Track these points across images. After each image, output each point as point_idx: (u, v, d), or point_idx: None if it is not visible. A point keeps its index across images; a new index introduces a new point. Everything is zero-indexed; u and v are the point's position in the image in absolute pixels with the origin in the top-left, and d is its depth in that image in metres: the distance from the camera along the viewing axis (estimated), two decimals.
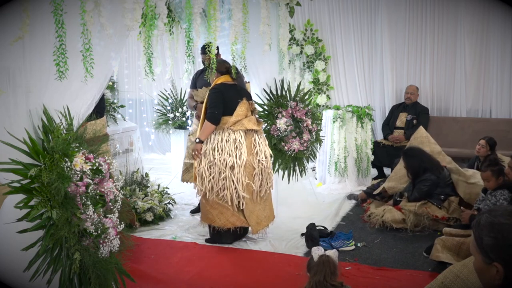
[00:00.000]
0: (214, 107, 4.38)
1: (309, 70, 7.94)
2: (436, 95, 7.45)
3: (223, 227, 4.42)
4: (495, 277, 1.54)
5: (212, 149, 4.36)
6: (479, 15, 7.07)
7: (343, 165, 6.49)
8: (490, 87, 7.15)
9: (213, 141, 4.39)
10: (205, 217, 4.50)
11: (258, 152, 4.49)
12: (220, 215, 4.39)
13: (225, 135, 4.39)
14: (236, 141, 4.38)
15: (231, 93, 4.46)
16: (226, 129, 4.40)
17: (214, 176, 4.33)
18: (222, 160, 4.31)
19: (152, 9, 3.02)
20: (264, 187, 4.54)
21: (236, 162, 4.32)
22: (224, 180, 4.32)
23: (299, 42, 7.97)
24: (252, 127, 4.48)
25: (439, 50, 7.35)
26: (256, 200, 4.52)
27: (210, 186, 4.34)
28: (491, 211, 1.61)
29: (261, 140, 4.59)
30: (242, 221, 4.45)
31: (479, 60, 7.17)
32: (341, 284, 2.72)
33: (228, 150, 4.33)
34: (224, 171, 4.31)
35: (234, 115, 4.43)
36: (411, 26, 7.43)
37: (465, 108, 7.31)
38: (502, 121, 7.02)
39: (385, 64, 7.55)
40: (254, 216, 4.50)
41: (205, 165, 4.36)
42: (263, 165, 4.50)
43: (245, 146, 4.40)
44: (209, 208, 4.41)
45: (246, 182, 4.38)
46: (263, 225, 4.58)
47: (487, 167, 4.34)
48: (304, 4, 7.64)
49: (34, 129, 2.55)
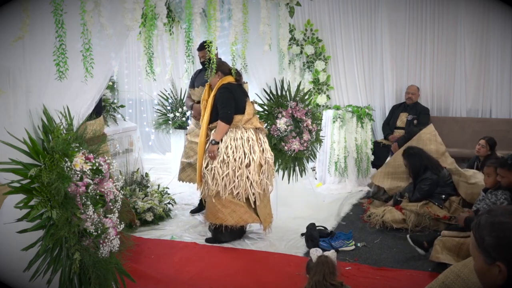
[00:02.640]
0: (227, 107, 4.41)
1: (309, 70, 7.94)
2: (436, 95, 7.45)
3: (236, 225, 4.43)
4: (497, 277, 1.54)
5: (225, 148, 4.37)
6: (479, 15, 7.07)
7: (343, 165, 6.49)
8: (490, 87, 7.15)
9: (226, 140, 4.40)
10: (214, 217, 4.45)
11: (265, 150, 4.54)
12: (233, 213, 4.40)
13: (238, 133, 4.42)
14: (250, 139, 4.43)
15: (238, 92, 4.51)
16: (239, 127, 4.43)
17: (228, 173, 4.34)
18: (237, 158, 4.33)
19: (152, 9, 3.02)
20: (268, 184, 4.59)
21: (252, 158, 4.37)
22: (239, 177, 4.34)
23: (299, 42, 7.97)
24: (260, 125, 4.58)
25: (439, 50, 7.34)
26: (261, 198, 4.55)
27: (223, 184, 4.35)
28: (491, 211, 1.61)
29: (265, 138, 4.65)
30: (254, 218, 4.49)
31: (479, 60, 7.17)
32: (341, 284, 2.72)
33: (243, 148, 4.37)
34: (240, 168, 4.33)
35: (246, 114, 4.48)
36: (411, 26, 7.43)
37: (465, 108, 7.31)
38: (502, 121, 7.02)
39: (385, 64, 7.55)
40: (262, 212, 4.55)
41: (217, 164, 4.35)
42: (269, 163, 4.54)
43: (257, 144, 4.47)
44: (220, 207, 4.40)
45: (259, 179, 4.43)
46: (268, 221, 4.64)
47: (493, 163, 4.35)
48: (304, 4, 7.63)
49: (34, 129, 2.55)
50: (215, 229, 4.52)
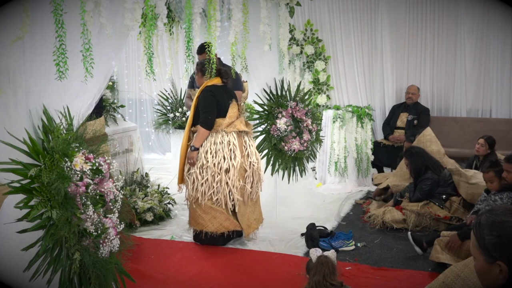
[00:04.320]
0: (208, 112, 4.29)
1: (309, 70, 7.94)
2: (436, 95, 7.45)
3: (216, 232, 4.32)
4: (498, 276, 1.54)
5: (205, 152, 4.26)
6: (479, 15, 7.06)
7: (343, 165, 6.49)
8: (490, 87, 7.15)
9: (205, 144, 4.30)
10: (195, 223, 4.38)
11: (250, 154, 4.43)
12: (213, 220, 4.30)
13: (218, 138, 4.30)
14: (230, 143, 4.30)
15: (222, 95, 4.38)
16: (220, 131, 4.31)
17: (207, 179, 4.25)
18: (216, 163, 4.22)
19: (152, 9, 3.02)
20: (254, 190, 4.50)
21: (232, 164, 4.26)
22: (219, 183, 4.24)
23: (299, 42, 7.97)
24: (244, 128, 4.43)
25: (439, 50, 7.34)
26: (247, 203, 4.47)
27: (202, 190, 4.25)
28: (491, 211, 1.61)
29: (251, 141, 4.53)
30: (236, 225, 4.38)
31: (479, 60, 7.17)
32: (340, 284, 2.72)
33: (222, 153, 4.25)
34: (219, 174, 4.23)
35: (228, 117, 4.35)
36: (411, 26, 7.42)
37: (465, 108, 7.30)
38: (502, 121, 7.02)
39: (385, 64, 7.55)
40: (245, 219, 4.45)
41: (197, 169, 4.27)
42: (255, 167, 4.44)
43: (239, 148, 4.35)
44: (200, 213, 4.31)
45: (240, 184, 4.33)
46: (253, 227, 4.54)
47: (489, 168, 4.32)
48: (304, 4, 7.63)
49: (34, 129, 2.55)
50: (196, 235, 4.46)
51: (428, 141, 5.71)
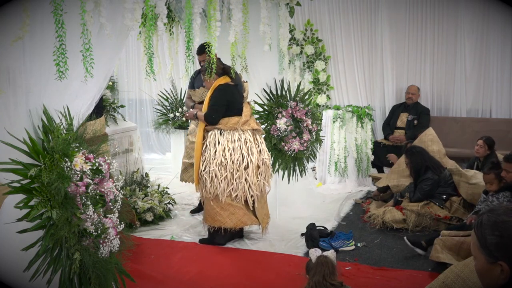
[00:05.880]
0: (215, 111, 4.39)
1: (309, 70, 7.93)
2: (436, 95, 7.44)
3: (235, 228, 4.42)
4: (499, 276, 1.54)
5: (223, 150, 4.34)
6: (479, 15, 7.06)
7: (343, 165, 6.49)
8: (490, 87, 7.15)
9: (223, 142, 4.37)
10: (213, 220, 4.42)
11: (262, 151, 4.53)
12: (232, 216, 4.38)
13: (236, 136, 4.40)
14: (247, 141, 4.41)
15: (235, 94, 4.50)
16: (237, 129, 4.42)
17: (226, 176, 4.32)
18: (235, 160, 4.32)
19: (152, 9, 3.02)
20: (265, 186, 4.58)
21: (250, 160, 4.36)
22: (237, 179, 4.33)
23: (299, 42, 7.96)
24: (257, 127, 4.57)
25: (439, 50, 7.33)
26: (259, 199, 4.54)
27: (222, 187, 4.33)
28: (492, 211, 1.60)
29: (262, 139, 4.64)
30: (253, 220, 4.48)
31: (479, 60, 7.17)
32: (340, 284, 2.72)
33: (240, 150, 4.35)
34: (238, 171, 4.32)
35: (244, 116, 4.47)
36: (411, 26, 7.42)
37: (465, 108, 7.30)
38: (502, 121, 7.01)
39: (385, 64, 7.54)
40: (259, 214, 4.54)
41: (215, 166, 4.32)
42: (267, 164, 4.53)
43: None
44: (219, 210, 4.37)
45: (258, 180, 4.42)
46: (265, 222, 4.62)
47: (490, 169, 4.34)
48: (304, 4, 7.62)
49: (34, 129, 2.55)
50: (214, 232, 4.50)
51: (429, 141, 5.71)
